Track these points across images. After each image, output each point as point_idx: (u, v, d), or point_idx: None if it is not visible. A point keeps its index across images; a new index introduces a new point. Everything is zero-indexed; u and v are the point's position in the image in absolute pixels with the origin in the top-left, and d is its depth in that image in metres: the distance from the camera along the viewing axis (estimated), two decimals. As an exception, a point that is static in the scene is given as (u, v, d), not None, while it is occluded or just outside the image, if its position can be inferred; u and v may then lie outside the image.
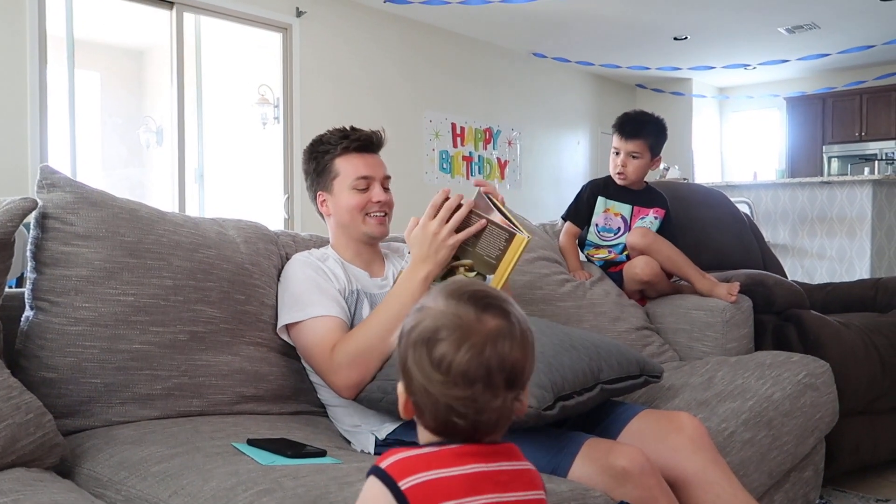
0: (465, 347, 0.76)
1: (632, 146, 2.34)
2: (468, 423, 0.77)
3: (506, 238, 1.44)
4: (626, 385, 1.46)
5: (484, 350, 0.76)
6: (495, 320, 0.78)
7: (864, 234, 4.90)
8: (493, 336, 0.77)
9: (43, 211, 1.37)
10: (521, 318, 0.80)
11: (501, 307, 0.79)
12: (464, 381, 0.76)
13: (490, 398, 0.76)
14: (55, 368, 1.33)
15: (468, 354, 0.76)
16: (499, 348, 0.76)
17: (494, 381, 0.76)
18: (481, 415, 0.77)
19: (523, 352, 0.79)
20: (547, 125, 8.01)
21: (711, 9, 6.24)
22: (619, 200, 2.39)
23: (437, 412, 0.78)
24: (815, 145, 8.54)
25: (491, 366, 0.76)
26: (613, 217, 2.39)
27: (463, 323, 0.77)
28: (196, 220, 1.62)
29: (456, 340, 0.76)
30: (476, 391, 0.76)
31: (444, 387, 0.76)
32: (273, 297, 1.63)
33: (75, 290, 1.35)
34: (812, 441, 1.88)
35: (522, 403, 0.81)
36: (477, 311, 0.78)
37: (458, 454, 0.77)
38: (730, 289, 2.21)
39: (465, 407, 0.77)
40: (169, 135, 5.20)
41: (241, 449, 1.21)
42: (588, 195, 2.39)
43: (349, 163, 1.65)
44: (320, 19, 5.80)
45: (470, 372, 0.76)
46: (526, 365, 0.79)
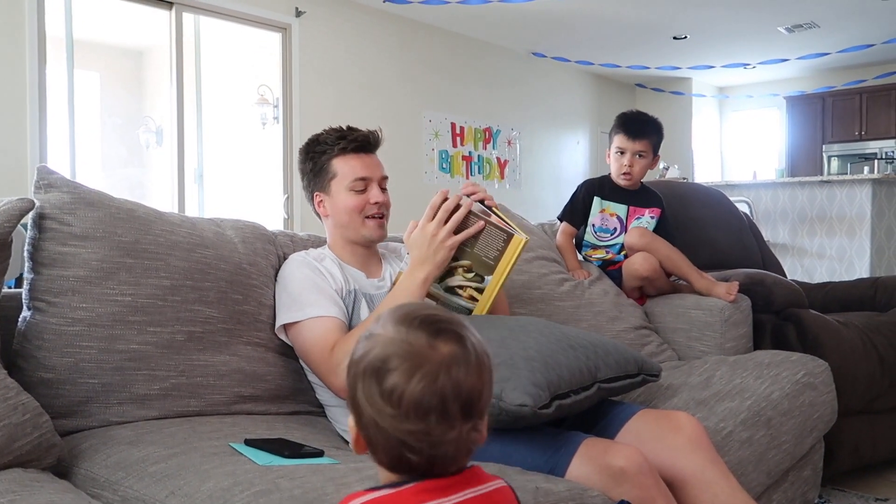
0: (418, 377, 0.72)
1: (639, 146, 2.33)
2: (423, 459, 0.73)
3: (504, 239, 1.44)
4: (623, 384, 1.46)
5: (437, 378, 0.72)
6: (448, 346, 0.74)
7: (864, 233, 4.90)
8: (446, 363, 0.73)
9: (40, 211, 1.37)
10: (477, 342, 0.76)
11: (455, 332, 0.75)
12: (416, 414, 0.71)
13: (445, 430, 0.72)
14: (53, 369, 1.33)
15: (421, 384, 0.72)
16: (453, 376, 0.72)
17: (450, 411, 0.72)
18: (437, 448, 0.73)
19: (479, 378, 0.74)
20: (546, 125, 8.00)
21: (711, 8, 6.24)
22: (615, 201, 2.38)
23: (390, 448, 0.74)
24: (815, 144, 8.54)
25: (445, 395, 0.72)
26: (609, 217, 2.37)
27: (414, 350, 0.73)
28: (194, 220, 1.62)
29: (407, 370, 0.72)
30: (430, 424, 0.72)
31: (396, 420, 0.72)
32: (271, 296, 1.63)
33: (72, 290, 1.35)
34: (811, 440, 1.88)
35: (481, 434, 0.76)
36: (429, 337, 0.74)
37: (417, 492, 0.73)
38: (728, 288, 2.21)
39: (419, 441, 0.72)
40: (168, 135, 5.20)
41: (239, 449, 1.21)
42: (584, 195, 2.37)
43: (347, 164, 1.64)
44: (319, 19, 5.79)
45: (423, 402, 0.71)
46: (483, 391, 0.75)
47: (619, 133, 2.36)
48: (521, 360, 1.24)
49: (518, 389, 1.19)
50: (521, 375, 1.21)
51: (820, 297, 2.93)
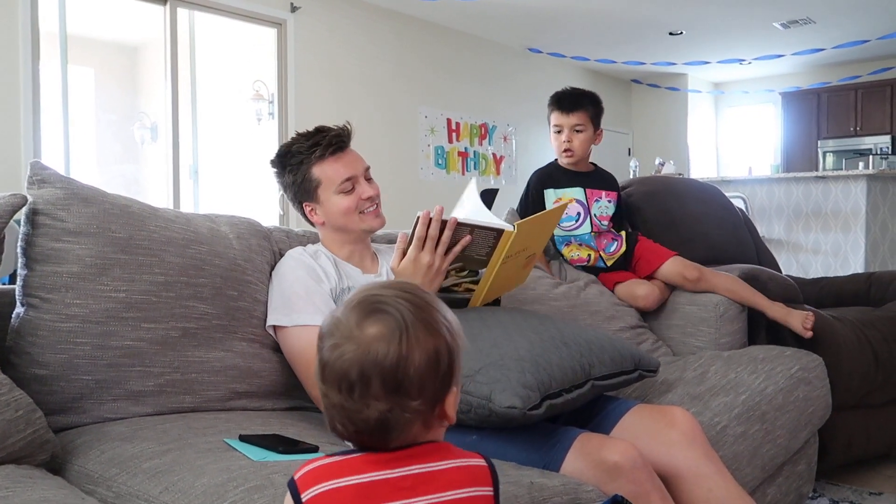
0: (338, 352, 0.76)
1: (574, 119, 2.26)
2: (348, 432, 0.77)
3: (494, 236, 1.44)
4: (619, 381, 1.46)
5: (355, 355, 0.75)
6: (376, 326, 0.76)
7: (859, 228, 4.92)
8: (367, 341, 0.75)
9: (33, 207, 1.36)
10: (410, 321, 0.76)
11: (387, 312, 0.76)
12: (337, 387, 0.75)
13: (362, 406, 0.75)
14: (46, 365, 1.32)
15: (339, 360, 0.75)
16: (371, 354, 0.74)
17: (369, 389, 0.74)
18: (358, 424, 0.76)
19: (408, 356, 0.75)
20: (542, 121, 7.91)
21: (706, 4, 6.23)
22: (568, 187, 2.30)
23: (329, 421, 0.78)
24: (811, 140, 8.55)
25: (364, 371, 0.74)
26: (570, 205, 2.28)
27: (341, 329, 0.77)
28: (188, 216, 1.61)
29: (332, 346, 0.76)
30: (346, 398, 0.75)
31: (323, 394, 0.77)
32: (266, 293, 1.62)
33: (66, 286, 1.34)
34: (805, 435, 1.89)
35: (418, 413, 0.76)
36: (360, 317, 0.77)
37: (363, 462, 0.76)
38: (804, 320, 2.13)
39: (339, 414, 0.76)
40: (163, 131, 5.18)
41: (233, 445, 1.21)
42: (534, 189, 2.29)
43: (328, 168, 1.61)
44: (315, 15, 5.78)
45: (343, 377, 0.75)
46: (410, 370, 0.75)
47: (554, 110, 2.30)
48: (511, 362, 1.24)
49: (507, 391, 1.18)
50: (511, 377, 1.21)
51: (815, 293, 2.94)
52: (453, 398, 0.79)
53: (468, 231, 1.45)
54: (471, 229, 1.44)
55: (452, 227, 1.44)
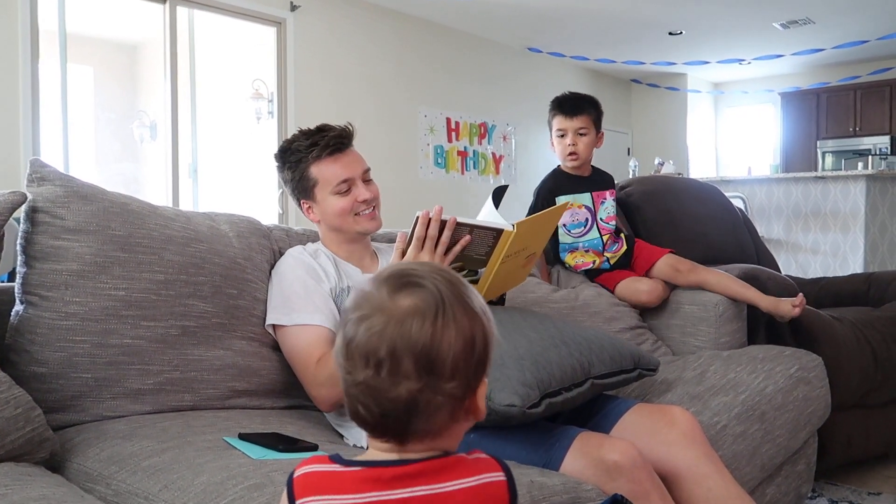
0: (366, 325, 0.69)
1: (578, 122, 2.26)
2: (372, 416, 0.69)
3: (493, 236, 1.44)
4: (618, 379, 1.46)
5: (386, 329, 0.68)
6: (409, 299, 0.69)
7: (858, 228, 4.92)
8: (400, 315, 0.68)
9: (32, 205, 1.36)
10: (448, 299, 0.70)
11: (421, 285, 0.70)
12: (364, 363, 0.68)
13: (392, 385, 0.67)
14: (45, 363, 1.32)
15: (368, 333, 0.69)
16: (405, 328, 0.68)
17: (400, 366, 0.67)
18: (383, 405, 0.68)
19: (443, 334, 0.68)
20: (542, 120, 7.92)
21: (706, 4, 6.23)
22: (576, 192, 2.31)
23: (349, 402, 0.71)
24: (810, 140, 8.55)
25: (395, 346, 0.67)
26: (578, 211, 2.30)
27: (372, 302, 0.70)
28: (188, 214, 1.61)
29: (358, 319, 0.70)
30: (373, 375, 0.68)
31: (346, 371, 0.70)
32: (265, 291, 1.62)
33: (65, 284, 1.34)
34: (804, 434, 1.89)
35: (451, 397, 0.69)
36: (391, 290, 0.70)
37: (363, 479, 0.70)
38: (793, 302, 2.15)
39: (365, 394, 0.69)
40: (162, 129, 5.18)
41: (233, 443, 1.21)
42: (545, 198, 2.29)
43: (326, 169, 1.61)
44: (314, 14, 5.78)
45: (371, 351, 0.68)
46: (444, 349, 0.68)
47: (557, 115, 2.30)
48: (510, 360, 1.24)
49: (506, 389, 1.18)
50: (511, 375, 1.21)
51: (814, 293, 2.94)
52: (484, 390, 0.73)
53: (467, 231, 1.44)
54: (470, 229, 1.44)
55: (452, 228, 1.44)
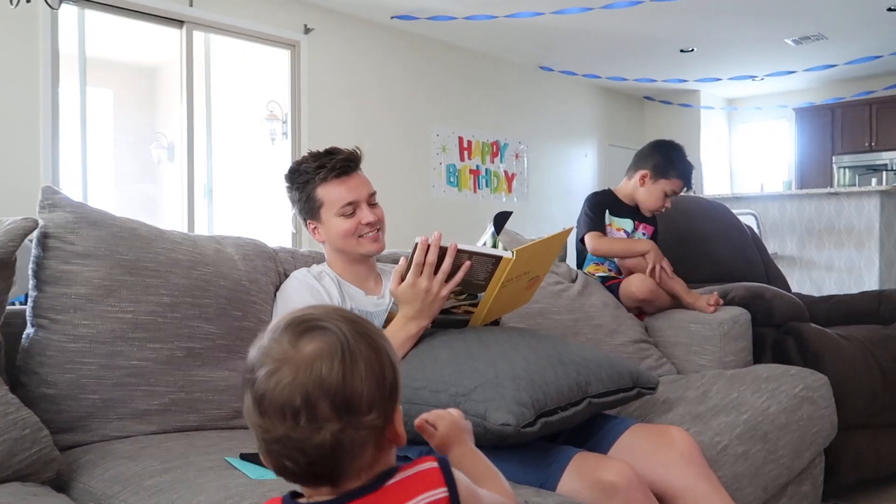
0: (275, 380, 0.69)
1: (682, 191, 2.46)
2: (300, 467, 0.69)
3: (493, 263, 1.46)
4: (617, 398, 1.47)
5: (296, 378, 0.68)
6: (313, 344, 0.70)
7: (873, 245, 4.88)
8: (307, 361, 0.69)
9: (44, 230, 1.41)
10: (351, 337, 0.71)
11: (321, 327, 0.71)
12: (279, 418, 0.68)
13: (313, 431, 0.68)
14: (55, 384, 1.36)
15: (278, 386, 0.68)
16: (315, 373, 0.68)
17: (317, 411, 0.68)
18: (308, 454, 0.68)
19: (354, 372, 0.70)
20: (554, 138, 8.03)
21: (717, 20, 6.25)
22: (621, 216, 2.44)
23: (271, 460, 0.71)
24: (825, 156, 8.50)
25: (309, 393, 0.68)
26: (615, 231, 2.42)
27: (274, 354, 0.70)
28: (194, 237, 1.65)
29: (267, 374, 0.69)
30: (291, 426, 0.68)
31: (263, 430, 0.69)
32: (270, 313, 1.66)
33: (75, 307, 1.39)
34: (810, 455, 1.88)
35: (371, 430, 0.70)
36: (292, 337, 0.71)
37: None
38: (708, 300, 2.26)
39: (287, 448, 0.68)
40: (179, 151, 5.27)
41: (234, 463, 1.23)
42: (599, 207, 2.42)
43: (331, 191, 1.65)
44: (328, 36, 5.87)
45: (285, 405, 0.68)
46: (357, 386, 0.69)
47: (678, 180, 2.40)
48: (506, 380, 1.25)
49: (501, 409, 1.20)
50: (506, 395, 1.22)
51: (824, 310, 2.93)
52: (400, 416, 0.75)
53: (467, 257, 1.46)
54: (470, 255, 1.46)
55: (453, 254, 1.45)
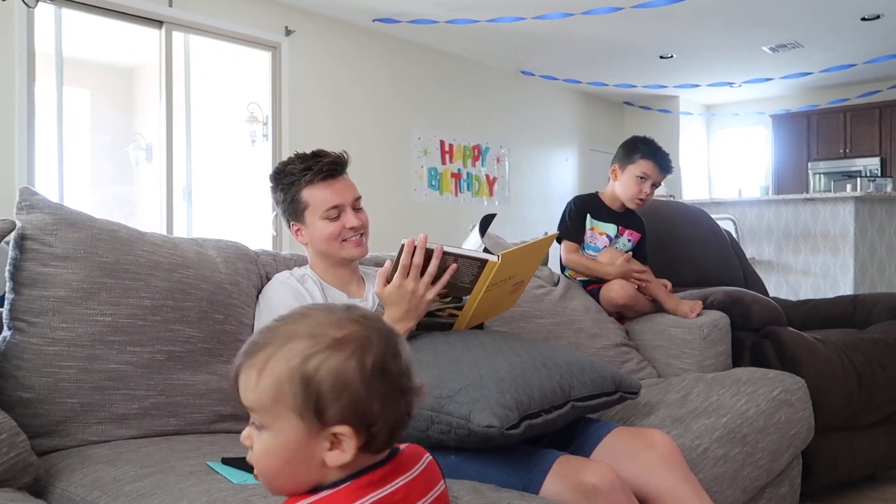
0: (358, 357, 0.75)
1: (661, 178, 2.42)
2: (398, 436, 0.78)
3: (478, 266, 1.46)
4: (599, 402, 1.48)
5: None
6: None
7: (848, 250, 4.96)
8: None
9: (21, 232, 1.39)
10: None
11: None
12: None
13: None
14: (32, 388, 1.34)
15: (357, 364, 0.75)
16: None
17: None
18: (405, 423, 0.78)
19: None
20: (535, 142, 8.07)
21: (696, 28, 6.32)
22: (604, 220, 2.42)
23: (392, 421, 0.76)
24: (801, 162, 8.63)
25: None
26: (598, 236, 2.41)
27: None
28: (175, 240, 1.63)
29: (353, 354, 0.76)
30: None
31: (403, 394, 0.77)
32: (252, 316, 1.65)
33: (53, 310, 1.36)
34: (787, 457, 1.90)
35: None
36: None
37: (354, 489, 0.73)
38: (691, 306, 2.28)
39: (404, 425, 0.77)
40: (158, 152, 5.22)
41: (215, 468, 1.22)
42: (578, 213, 2.40)
43: (317, 193, 1.64)
44: (309, 38, 5.84)
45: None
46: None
47: (649, 161, 2.36)
48: (490, 382, 1.26)
49: (486, 411, 1.20)
50: (490, 397, 1.22)
51: (801, 314, 2.97)
52: None
53: (453, 259, 1.46)
54: (455, 258, 1.46)
55: (439, 256, 1.45)
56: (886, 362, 2.37)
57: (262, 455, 0.75)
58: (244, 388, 0.75)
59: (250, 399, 0.74)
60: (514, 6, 5.65)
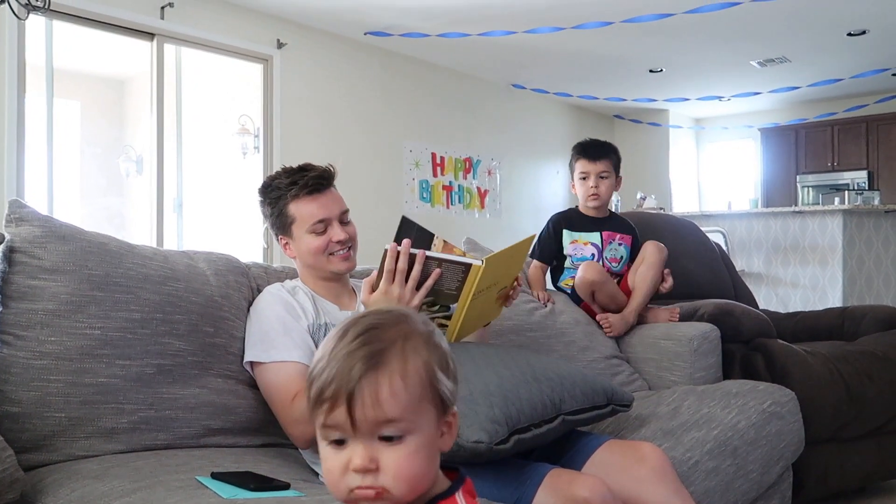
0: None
1: (601, 166, 2.40)
2: None
3: (462, 271, 1.47)
4: (591, 415, 1.48)
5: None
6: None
7: (836, 262, 4.99)
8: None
9: (10, 245, 1.38)
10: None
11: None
12: None
13: None
14: (19, 402, 1.32)
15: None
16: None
17: None
18: None
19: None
20: (526, 155, 8.10)
21: (685, 42, 6.38)
22: (584, 231, 2.42)
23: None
24: (790, 175, 8.70)
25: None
26: (583, 246, 2.41)
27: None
28: (165, 252, 1.63)
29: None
30: None
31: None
32: (242, 329, 1.64)
33: (41, 323, 1.35)
34: (778, 469, 1.90)
35: None
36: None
37: (465, 493, 0.75)
38: (671, 311, 2.35)
39: None
40: (148, 164, 5.20)
41: (205, 483, 1.21)
42: (552, 231, 2.42)
43: (303, 207, 1.64)
44: (301, 51, 5.86)
45: None
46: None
47: (580, 159, 2.43)
48: (480, 397, 1.26)
49: (474, 426, 1.20)
50: (479, 412, 1.22)
51: (790, 327, 2.98)
52: None
53: (436, 264, 1.47)
54: (439, 262, 1.47)
55: (422, 261, 1.47)
56: (875, 374, 2.38)
57: (407, 465, 0.69)
58: (386, 400, 0.69)
59: (395, 408, 0.69)
60: (506, 20, 5.69)
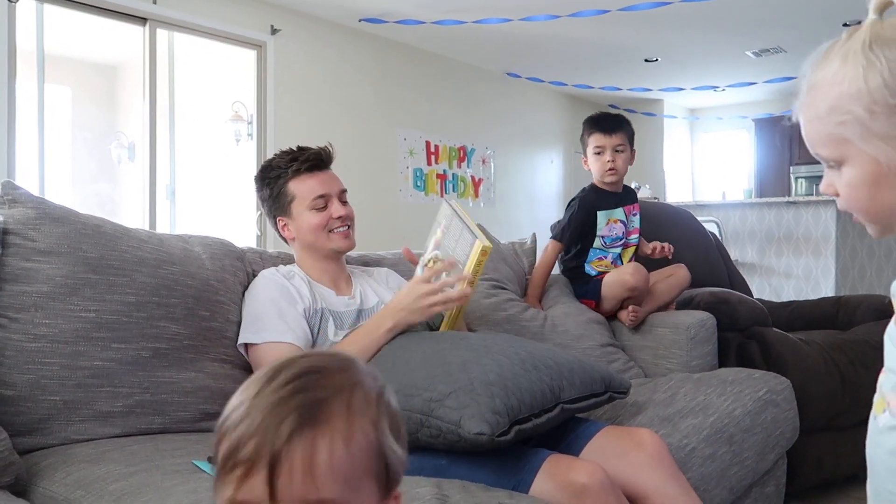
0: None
1: (617, 139, 2.33)
2: None
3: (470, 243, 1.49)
4: (589, 403, 1.48)
5: None
6: None
7: (829, 253, 5.01)
8: None
9: (4, 227, 1.36)
10: None
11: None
12: None
13: None
14: (13, 385, 1.31)
15: None
16: None
17: None
18: None
19: None
20: (521, 144, 8.08)
21: (681, 32, 6.37)
22: (612, 208, 2.37)
23: None
24: (783, 166, 8.71)
25: None
26: (615, 225, 2.38)
27: None
28: (161, 236, 1.61)
29: None
30: None
31: None
32: (238, 313, 1.63)
33: (35, 306, 1.34)
34: (773, 457, 1.91)
35: None
36: None
37: None
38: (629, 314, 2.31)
39: None
40: (140, 150, 5.16)
41: (202, 467, 1.20)
42: (585, 214, 2.33)
43: (303, 184, 1.65)
44: (295, 37, 5.81)
45: None
46: None
47: (594, 132, 2.33)
48: (480, 386, 1.25)
49: (476, 417, 1.19)
50: (480, 403, 1.21)
51: (785, 316, 2.99)
52: None
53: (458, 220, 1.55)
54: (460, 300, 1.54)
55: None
56: (869, 363, 2.39)
57: None
58: (322, 473, 0.52)
59: (332, 485, 0.52)
60: (501, 8, 5.66)
